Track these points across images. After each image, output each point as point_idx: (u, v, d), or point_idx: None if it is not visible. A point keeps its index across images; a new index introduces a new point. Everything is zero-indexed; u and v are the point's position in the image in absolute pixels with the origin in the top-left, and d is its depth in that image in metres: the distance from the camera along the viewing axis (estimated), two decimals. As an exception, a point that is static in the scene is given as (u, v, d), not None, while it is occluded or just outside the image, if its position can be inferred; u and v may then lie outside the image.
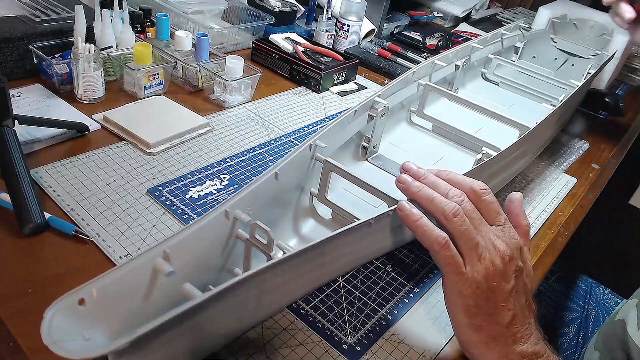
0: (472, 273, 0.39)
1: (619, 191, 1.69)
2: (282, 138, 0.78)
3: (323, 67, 0.93)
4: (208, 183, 0.64)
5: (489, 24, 1.55)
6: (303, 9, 1.18)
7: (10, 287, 0.47)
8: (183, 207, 0.59)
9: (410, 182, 0.43)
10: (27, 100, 0.74)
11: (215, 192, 0.63)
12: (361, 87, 1.01)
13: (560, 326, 0.82)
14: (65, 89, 0.77)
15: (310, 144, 0.55)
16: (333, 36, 1.13)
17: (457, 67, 0.91)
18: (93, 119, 0.73)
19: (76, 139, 0.69)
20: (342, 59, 1.00)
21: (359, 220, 0.42)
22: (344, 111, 0.64)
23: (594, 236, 1.26)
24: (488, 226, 0.41)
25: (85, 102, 0.76)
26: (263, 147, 0.75)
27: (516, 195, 0.45)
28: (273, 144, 0.76)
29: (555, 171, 0.84)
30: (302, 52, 0.98)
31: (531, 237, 0.67)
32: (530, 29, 1.18)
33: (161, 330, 0.29)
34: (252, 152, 0.73)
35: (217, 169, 0.67)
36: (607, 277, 0.96)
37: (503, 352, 0.41)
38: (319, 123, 0.84)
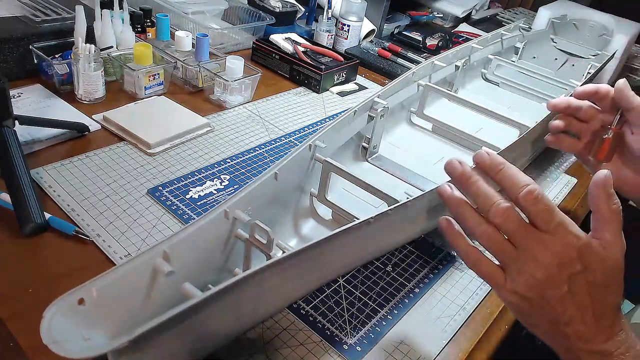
0: (512, 285, 0.39)
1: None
2: (282, 138, 0.78)
3: (323, 67, 0.93)
4: (208, 183, 0.64)
5: (489, 24, 1.55)
6: (303, 9, 1.18)
7: (10, 287, 0.47)
8: (183, 207, 0.59)
9: (449, 195, 0.41)
10: (27, 100, 0.74)
11: (215, 192, 0.63)
12: (361, 87, 1.01)
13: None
14: (65, 89, 0.77)
15: (310, 144, 0.55)
16: (333, 36, 1.13)
17: (457, 67, 0.91)
18: (93, 119, 0.73)
19: (76, 139, 0.69)
20: (342, 59, 1.00)
21: (358, 220, 0.42)
22: (343, 111, 0.64)
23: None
24: (532, 237, 0.39)
25: (85, 102, 0.76)
26: (263, 147, 0.75)
27: (600, 174, 0.40)
28: (273, 144, 0.76)
29: (555, 171, 0.83)
30: (302, 52, 0.98)
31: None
32: (530, 29, 1.18)
33: (160, 329, 0.29)
34: (252, 152, 0.73)
35: (217, 169, 0.67)
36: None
37: (567, 347, 0.40)
38: (319, 123, 0.84)
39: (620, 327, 0.40)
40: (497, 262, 0.40)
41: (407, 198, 0.47)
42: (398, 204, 0.45)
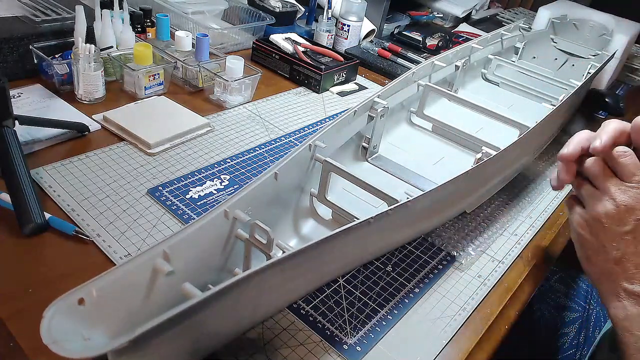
0: (584, 212, 0.50)
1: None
2: (282, 138, 0.78)
3: (323, 67, 0.93)
4: (208, 183, 0.64)
5: (489, 24, 1.55)
6: (303, 9, 1.18)
7: (10, 287, 0.47)
8: (183, 207, 0.59)
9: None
10: (27, 100, 0.74)
11: (215, 192, 0.63)
12: (361, 87, 1.01)
13: (561, 326, 0.82)
14: (65, 89, 0.77)
15: (310, 144, 0.55)
16: (333, 36, 1.13)
17: (457, 67, 0.91)
18: (93, 119, 0.73)
19: (76, 139, 0.69)
20: (342, 59, 1.00)
21: (358, 220, 0.42)
22: (343, 111, 0.64)
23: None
24: (614, 183, 0.48)
25: (85, 102, 0.76)
26: (263, 147, 0.75)
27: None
28: (273, 144, 0.76)
29: (555, 171, 0.83)
30: (302, 52, 0.98)
31: (532, 237, 0.67)
32: (530, 29, 1.18)
33: (160, 329, 0.29)
34: (252, 152, 0.73)
35: (217, 169, 0.67)
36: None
37: (611, 286, 0.48)
38: (319, 123, 0.84)
39: None
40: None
41: (407, 198, 0.47)
42: (398, 204, 0.45)
